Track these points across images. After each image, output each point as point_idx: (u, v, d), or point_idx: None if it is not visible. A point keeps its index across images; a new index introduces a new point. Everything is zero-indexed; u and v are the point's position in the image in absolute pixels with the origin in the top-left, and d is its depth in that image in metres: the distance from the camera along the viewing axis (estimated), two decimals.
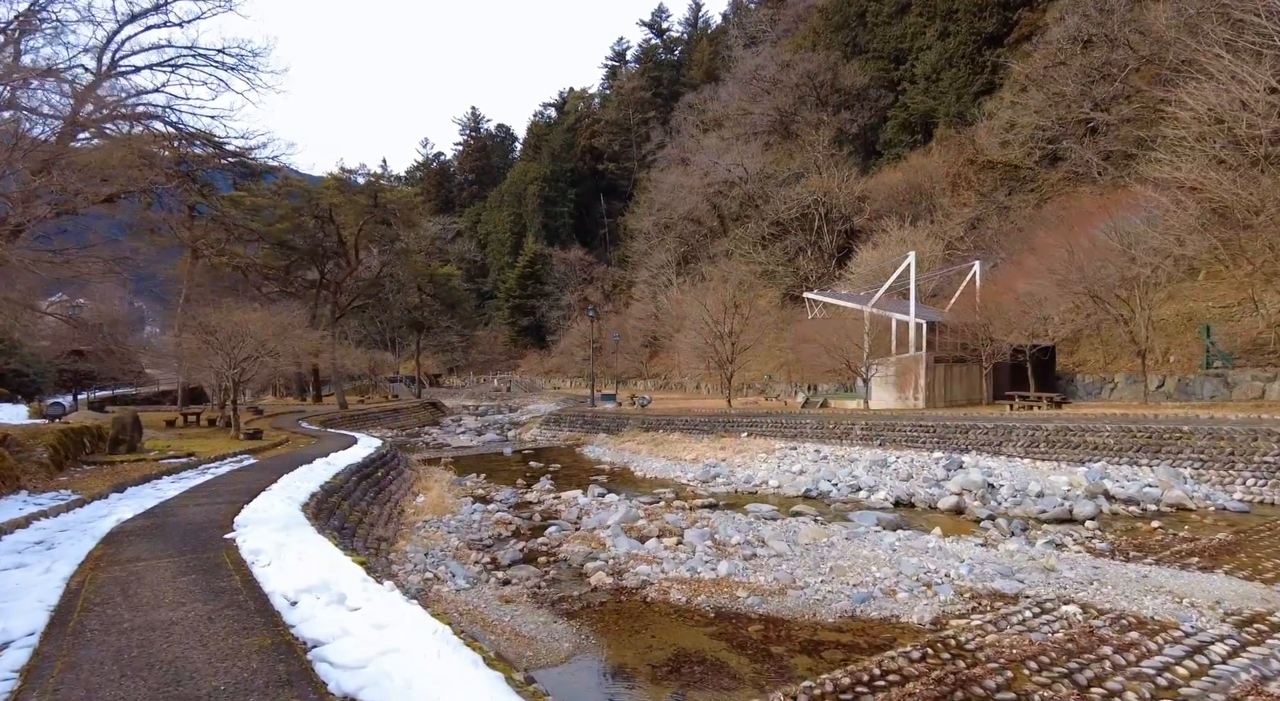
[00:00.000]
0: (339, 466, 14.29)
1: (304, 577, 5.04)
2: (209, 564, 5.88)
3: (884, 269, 36.96)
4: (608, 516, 14.67)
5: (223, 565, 5.82)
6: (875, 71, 56.54)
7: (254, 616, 4.41)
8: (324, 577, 5.01)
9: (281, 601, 4.70)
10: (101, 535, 7.36)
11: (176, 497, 10.27)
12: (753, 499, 18.16)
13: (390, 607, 4.38)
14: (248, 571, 5.58)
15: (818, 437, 24.62)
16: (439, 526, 13.66)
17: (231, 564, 5.88)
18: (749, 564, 11.09)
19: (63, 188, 16.73)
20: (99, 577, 5.50)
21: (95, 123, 26.07)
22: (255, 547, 6.17)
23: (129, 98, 28.63)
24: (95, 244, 19.11)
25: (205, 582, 5.24)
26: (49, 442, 13.11)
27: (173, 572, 5.57)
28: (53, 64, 22.57)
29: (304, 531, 7.24)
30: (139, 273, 27.71)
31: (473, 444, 34.77)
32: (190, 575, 5.46)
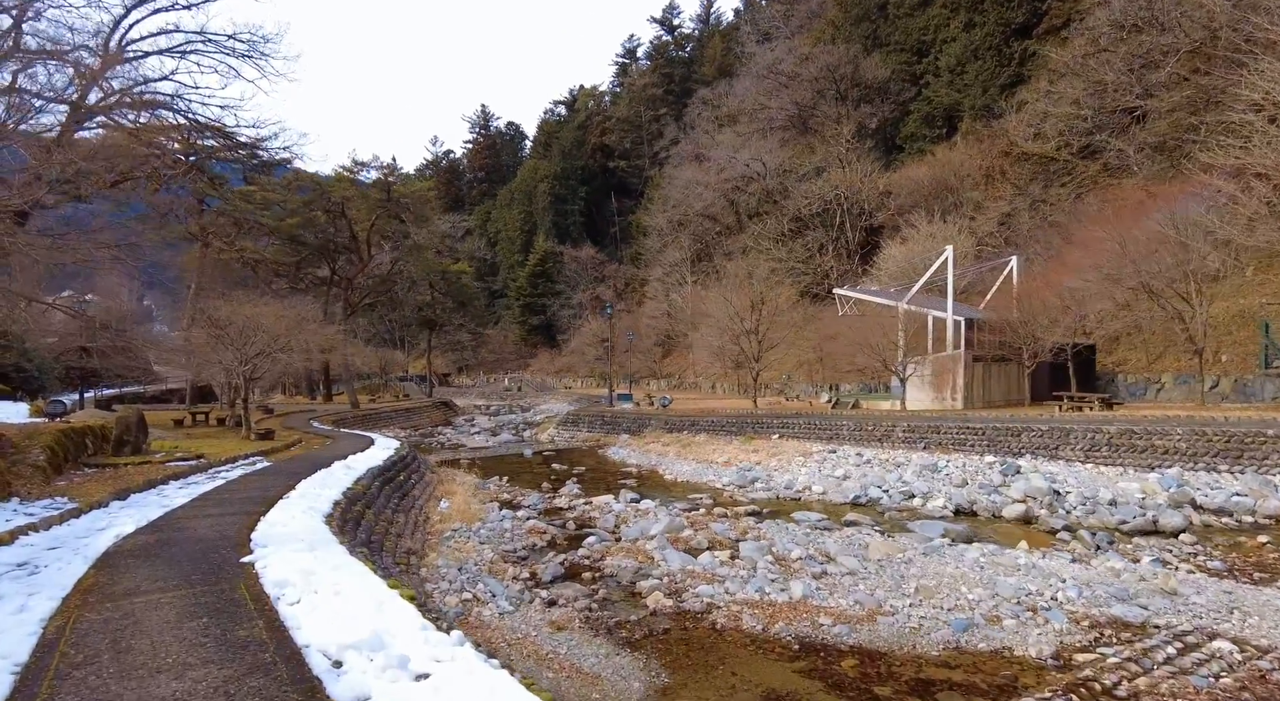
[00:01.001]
0: (359, 470, 13.18)
1: (347, 624, 3.92)
2: (224, 600, 4.74)
3: (913, 265, 35.69)
4: (650, 526, 13.52)
5: (241, 602, 4.69)
6: (897, 64, 55.12)
7: (287, 689, 3.25)
8: (373, 626, 3.89)
9: (320, 661, 3.57)
10: (96, 556, 6.25)
11: (184, 507, 9.16)
12: (797, 506, 16.99)
13: (469, 674, 3.25)
14: (273, 613, 4.45)
15: (856, 440, 23.40)
16: (469, 536, 12.53)
17: (252, 600, 4.75)
18: (821, 583, 9.92)
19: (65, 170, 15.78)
20: (85, 621, 4.37)
21: (103, 110, 25.10)
22: (280, 577, 5.04)
23: (136, 86, 27.68)
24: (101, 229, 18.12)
25: (220, 630, 4.11)
26: (46, 444, 12.03)
27: (178, 613, 4.43)
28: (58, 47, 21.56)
29: (334, 552, 6.11)
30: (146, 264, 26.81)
31: (489, 444, 33.67)
32: (201, 618, 4.32)
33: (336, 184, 38.29)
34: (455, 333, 66.82)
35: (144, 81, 28.02)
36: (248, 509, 8.82)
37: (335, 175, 38.75)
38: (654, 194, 76.03)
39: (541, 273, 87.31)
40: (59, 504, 9.40)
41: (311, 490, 10.22)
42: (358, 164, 39.22)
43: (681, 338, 65.50)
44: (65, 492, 10.16)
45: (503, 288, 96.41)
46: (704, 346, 54.85)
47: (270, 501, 9.36)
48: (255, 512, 8.49)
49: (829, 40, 58.77)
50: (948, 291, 28.20)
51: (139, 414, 14.10)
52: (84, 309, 23.99)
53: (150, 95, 27.84)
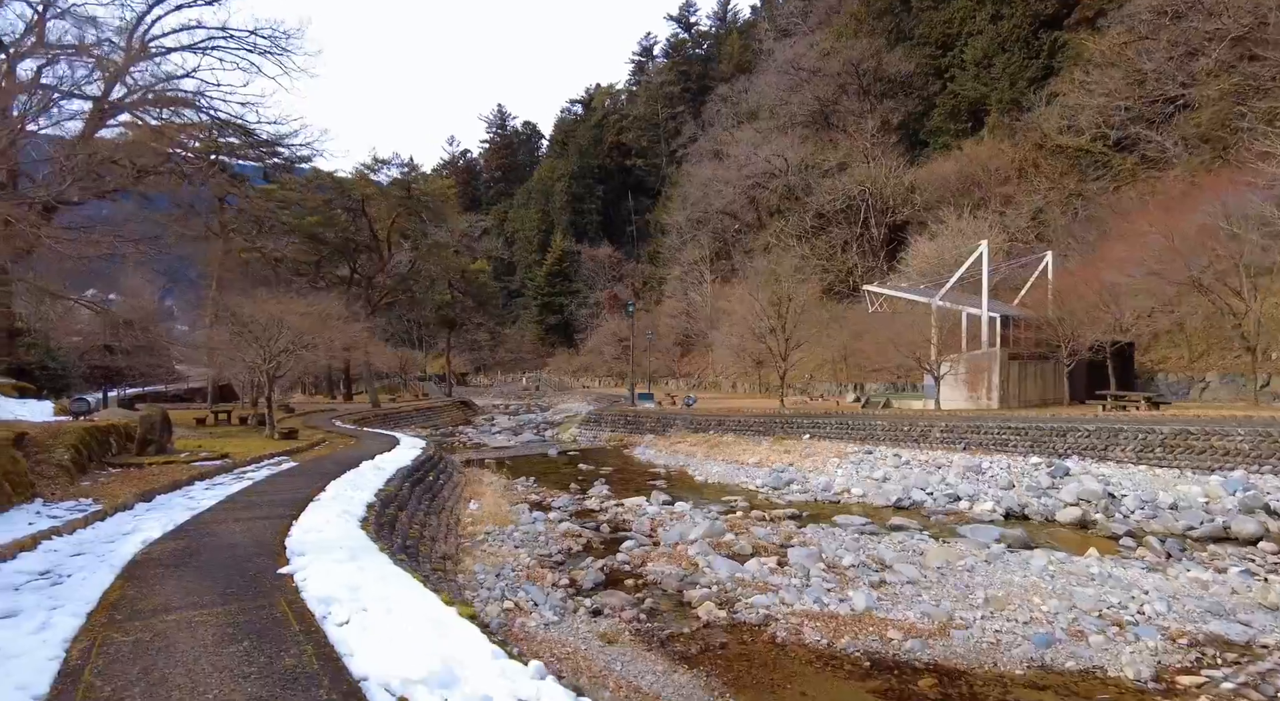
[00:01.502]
0: (389, 471, 12.74)
1: (407, 651, 3.41)
2: (264, 620, 4.25)
3: (944, 261, 34.87)
4: (688, 530, 12.96)
5: (284, 622, 4.19)
6: (921, 58, 54.15)
7: None
8: (438, 653, 3.38)
9: (384, 700, 3.06)
10: (122, 564, 5.80)
11: (212, 510, 8.73)
12: (837, 509, 16.35)
13: None
14: (321, 635, 3.94)
15: (892, 441, 22.68)
16: (503, 540, 12.04)
17: (295, 619, 4.25)
18: (881, 593, 9.31)
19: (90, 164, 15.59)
20: (112, 643, 3.88)
21: (127, 106, 24.97)
22: (323, 593, 4.54)
23: (159, 83, 27.56)
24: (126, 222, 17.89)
25: (264, 657, 3.61)
26: (70, 443, 11.68)
27: (215, 635, 3.95)
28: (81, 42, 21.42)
29: (376, 562, 5.61)
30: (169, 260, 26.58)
31: (511, 444, 33.26)
32: (241, 641, 3.83)
33: (357, 182, 38.05)
34: (474, 332, 66.61)
35: (166, 78, 27.91)
36: (279, 512, 8.37)
37: (356, 173, 38.57)
38: (672, 192, 75.40)
39: (559, 272, 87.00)
40: (83, 506, 9.02)
41: (343, 492, 9.77)
42: (378, 161, 39.10)
43: (700, 337, 64.79)
44: (90, 494, 9.78)
45: (520, 287, 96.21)
46: (724, 345, 54.19)
47: (301, 504, 8.90)
48: (287, 516, 8.03)
49: (851, 34, 57.84)
50: (982, 288, 27.39)
51: (163, 413, 13.75)
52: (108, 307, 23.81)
53: (173, 92, 27.74)
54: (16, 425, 12.44)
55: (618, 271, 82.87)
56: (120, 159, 21.73)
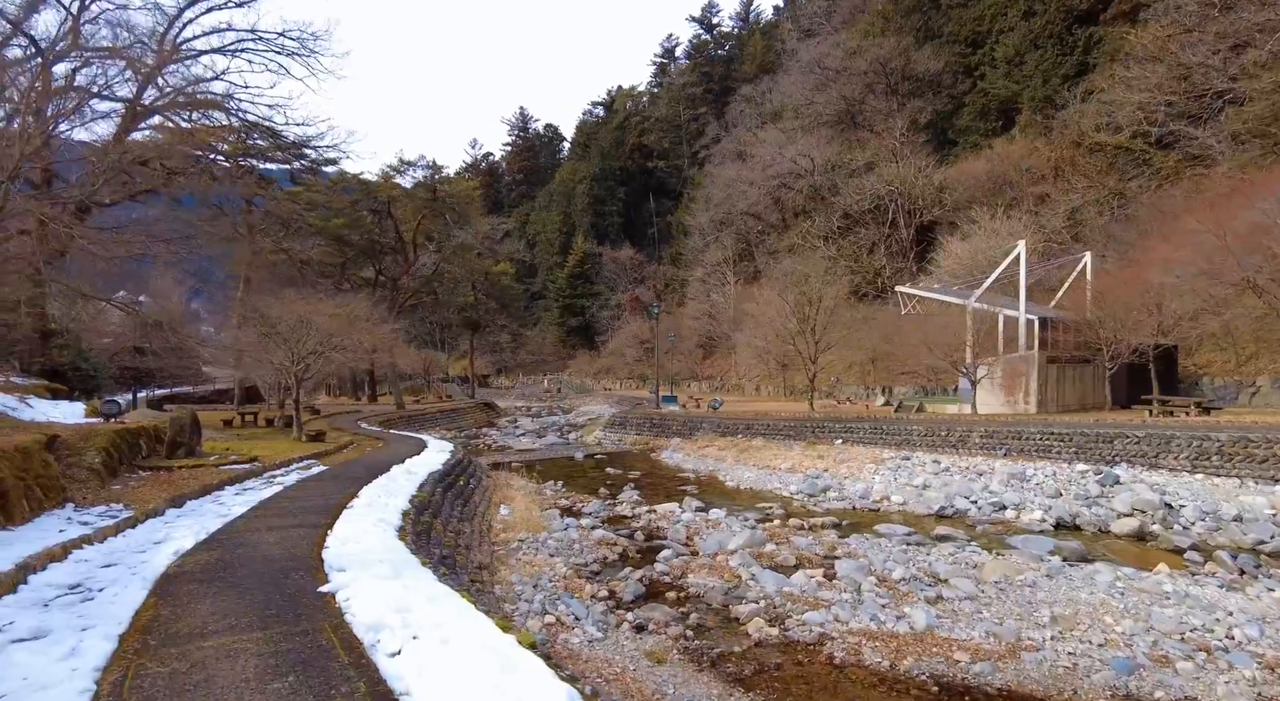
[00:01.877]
0: (420, 475, 12.45)
1: (469, 692, 3.03)
2: (309, 649, 3.88)
3: (977, 261, 34.08)
4: (726, 539, 12.52)
5: (330, 652, 3.83)
6: (950, 56, 53.23)
7: None
8: (503, 692, 2.99)
9: None
10: (154, 577, 5.50)
11: (244, 517, 8.45)
12: (877, 517, 15.82)
13: None
14: (372, 669, 3.57)
15: (929, 446, 22.03)
16: (537, 548, 11.68)
17: (343, 649, 3.89)
18: (940, 610, 8.81)
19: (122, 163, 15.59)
20: (146, 674, 3.52)
21: (159, 109, 25.09)
22: (371, 618, 4.18)
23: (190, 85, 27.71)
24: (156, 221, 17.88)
25: (312, 696, 3.24)
26: (101, 446, 11.52)
27: (257, 668, 3.59)
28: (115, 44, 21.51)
29: (421, 579, 5.25)
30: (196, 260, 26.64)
31: (536, 447, 32.99)
32: (286, 675, 3.45)
33: (383, 184, 38.04)
34: (496, 334, 66.59)
35: (196, 81, 28.03)
36: (312, 520, 8.07)
37: (381, 174, 38.57)
38: (695, 193, 74.92)
39: (580, 274, 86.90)
40: (114, 511, 8.79)
41: (376, 498, 9.46)
42: (404, 163, 39.10)
43: (723, 339, 64.16)
44: (120, 498, 9.56)
45: (541, 289, 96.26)
46: (748, 348, 53.61)
47: (334, 511, 8.61)
48: (321, 525, 7.73)
49: (878, 33, 57.04)
50: (1020, 289, 26.61)
51: (192, 415, 13.59)
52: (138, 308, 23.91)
53: (203, 94, 27.86)
54: (49, 427, 12.33)
55: (639, 273, 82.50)
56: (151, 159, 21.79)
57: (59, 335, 21.86)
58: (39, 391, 19.14)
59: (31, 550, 6.23)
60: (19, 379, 19.84)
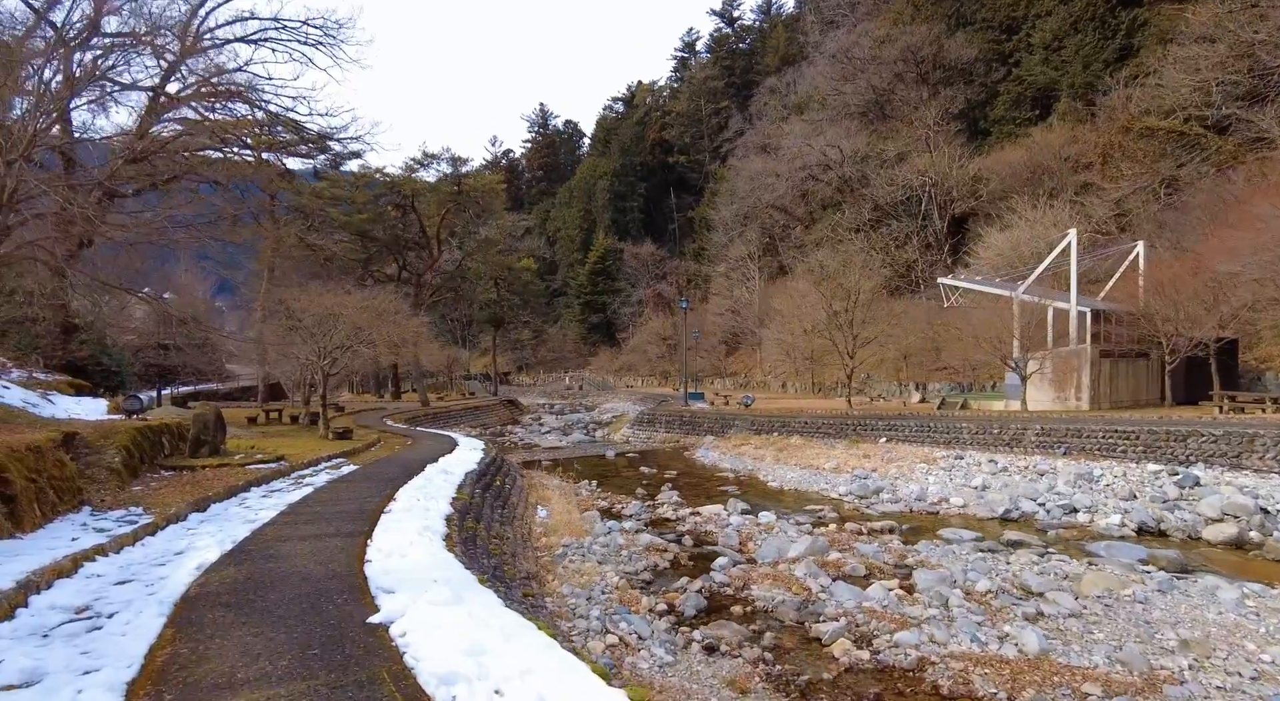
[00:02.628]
0: (457, 476, 11.66)
1: None
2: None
3: (1019, 253, 32.74)
4: (785, 546, 11.60)
5: None
6: (984, 43, 51.59)
7: None
8: None
9: None
10: (173, 600, 4.72)
11: (273, 523, 7.68)
12: (936, 521, 14.82)
13: None
14: None
15: (981, 445, 20.92)
16: (582, 554, 10.85)
17: None
18: (1045, 629, 7.83)
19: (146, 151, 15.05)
20: None
21: (183, 100, 24.58)
22: (440, 666, 3.31)
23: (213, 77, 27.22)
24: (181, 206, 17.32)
25: None
26: (122, 444, 10.87)
27: None
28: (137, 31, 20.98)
29: (487, 605, 4.41)
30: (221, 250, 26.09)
31: (563, 444, 32.24)
32: None
33: (407, 179, 37.40)
34: (519, 331, 65.95)
35: (220, 72, 27.54)
36: (349, 527, 7.27)
37: (405, 167, 37.96)
38: (719, 187, 73.78)
39: (601, 270, 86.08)
40: (133, 515, 8.08)
41: (415, 502, 8.67)
42: (428, 156, 38.41)
43: (748, 335, 63.03)
44: (140, 501, 8.86)
45: (562, 286, 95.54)
46: (775, 343, 52.48)
47: (372, 517, 7.81)
48: (359, 533, 6.93)
49: (908, 21, 55.54)
50: (1070, 280, 25.35)
51: (216, 412, 12.92)
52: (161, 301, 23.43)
53: (226, 86, 27.36)
54: (68, 424, 11.71)
55: (661, 269, 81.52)
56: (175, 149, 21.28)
57: (82, 330, 21.41)
58: (61, 387, 18.66)
59: (38, 563, 5.48)
60: (42, 374, 19.40)
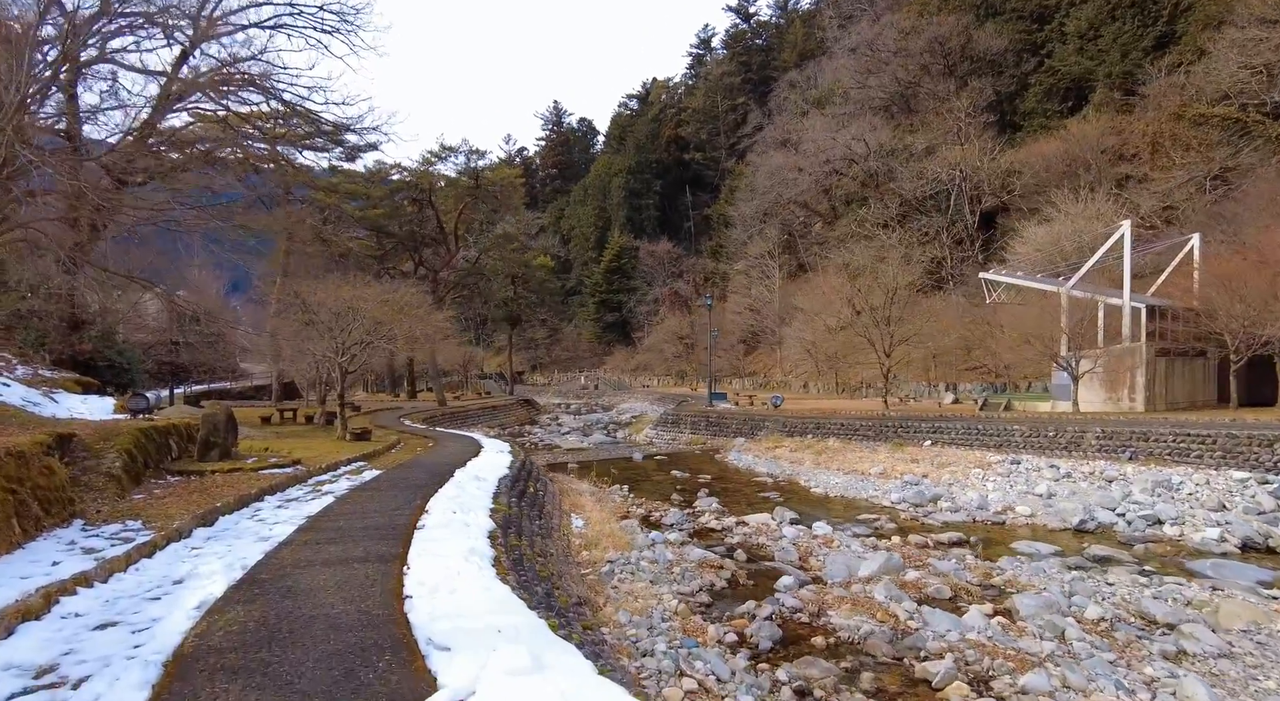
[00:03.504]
0: (490, 482, 10.59)
1: None
2: None
3: (1061, 247, 31.35)
4: (854, 563, 10.44)
5: None
6: (1015, 33, 50.07)
7: None
8: None
9: None
10: (164, 659, 3.62)
11: (290, 542, 6.60)
12: (1004, 532, 13.61)
13: None
14: None
15: (1035, 448, 19.62)
16: (631, 571, 9.73)
17: None
18: (1197, 671, 6.62)
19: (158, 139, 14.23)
20: None
21: (194, 85, 23.68)
22: None
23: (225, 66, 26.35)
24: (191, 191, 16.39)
25: None
26: (124, 447, 9.86)
27: None
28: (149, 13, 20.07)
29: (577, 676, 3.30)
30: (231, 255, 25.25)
31: (585, 445, 31.16)
32: None
33: (424, 172, 36.39)
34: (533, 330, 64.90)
35: (233, 61, 26.68)
36: (380, 548, 6.18)
37: (423, 159, 36.95)
38: (736, 183, 72.46)
39: (617, 268, 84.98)
40: (130, 530, 7.04)
41: (451, 515, 7.58)
42: (445, 149, 37.36)
43: (767, 334, 61.74)
44: (141, 512, 7.82)
45: (576, 285, 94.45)
46: (797, 342, 51.16)
47: (405, 534, 6.73)
48: (393, 557, 5.84)
49: (935, 11, 54.08)
50: (1124, 275, 23.99)
51: (227, 412, 11.91)
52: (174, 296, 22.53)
53: (240, 74, 26.48)
54: (66, 425, 10.73)
55: (677, 267, 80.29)
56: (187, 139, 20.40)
57: (90, 325, 20.52)
58: (68, 385, 17.76)
59: (3, 597, 4.43)
60: (47, 371, 18.51)
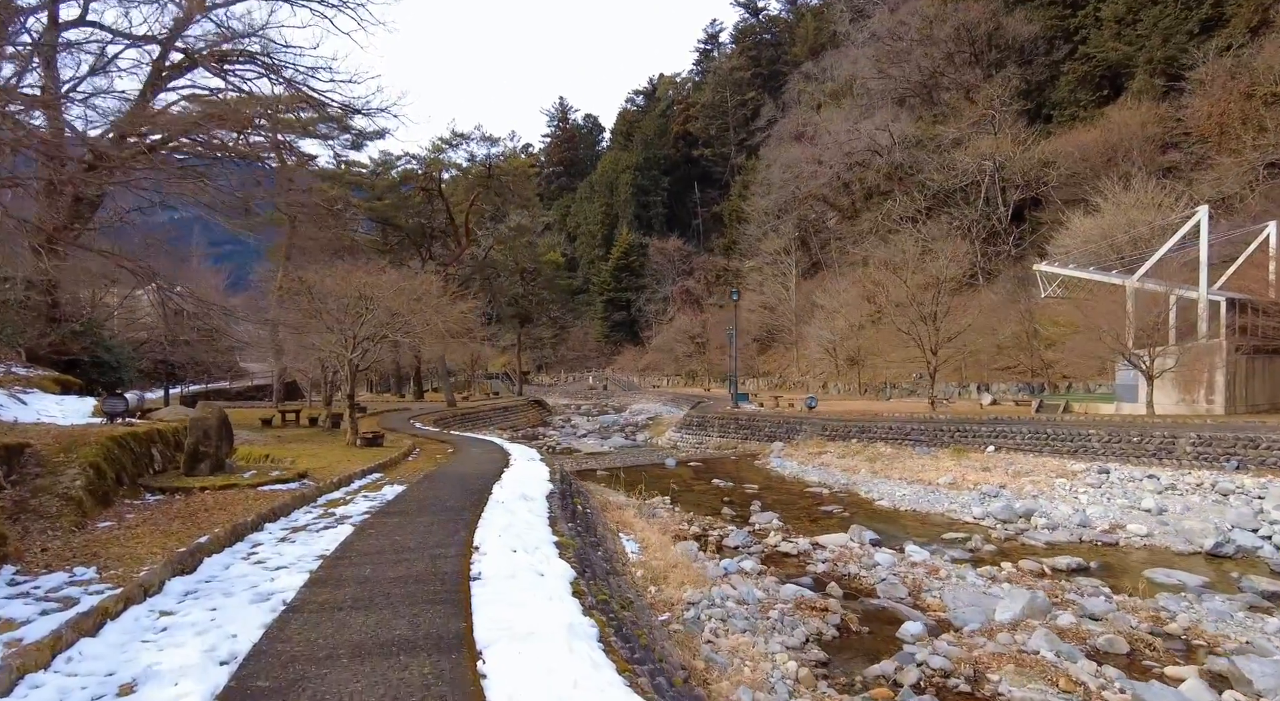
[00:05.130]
0: (538, 502, 8.69)
1: None
2: None
3: (1114, 239, 29.38)
4: (988, 603, 8.55)
5: None
6: (1047, 19, 48.11)
7: None
8: None
9: None
10: None
11: (301, 607, 4.65)
12: (1120, 555, 11.72)
13: None
14: None
15: (1119, 456, 17.67)
16: (721, 618, 7.81)
17: None
18: None
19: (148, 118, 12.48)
20: None
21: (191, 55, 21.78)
22: None
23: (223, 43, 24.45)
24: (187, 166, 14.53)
25: None
26: (90, 459, 7.95)
27: None
28: None
29: None
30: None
31: (605, 449, 29.25)
32: None
33: (434, 160, 34.39)
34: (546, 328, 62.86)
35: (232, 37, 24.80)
36: (432, 621, 4.26)
37: (433, 146, 34.86)
38: (751, 177, 70.44)
39: (625, 266, 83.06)
40: (78, 579, 5.15)
41: (511, 555, 5.66)
42: (456, 136, 35.28)
43: (782, 333, 59.81)
44: (100, 551, 5.91)
45: (583, 285, 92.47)
46: (816, 341, 49.22)
47: (458, 589, 4.81)
48: (454, 639, 3.91)
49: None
50: (1200, 265, 22.04)
51: (220, 415, 9.99)
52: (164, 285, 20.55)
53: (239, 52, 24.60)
54: (23, 432, 8.85)
55: (687, 265, 78.32)
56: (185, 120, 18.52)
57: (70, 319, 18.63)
58: (45, 384, 15.88)
59: None
60: (22, 369, 16.62)
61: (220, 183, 21.20)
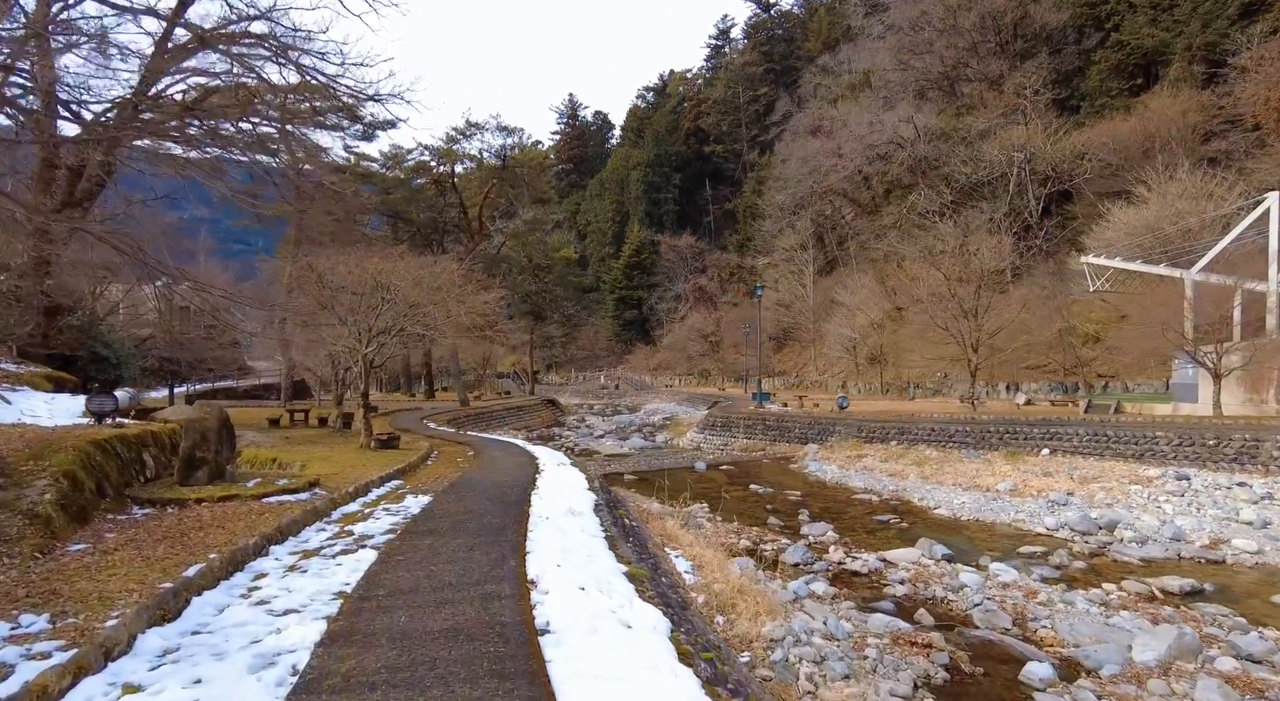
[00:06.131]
0: (586, 515, 7.46)
1: None
2: None
3: (1162, 231, 27.94)
4: (1118, 638, 7.23)
5: None
6: (1077, 6, 46.55)
7: None
8: None
9: None
10: None
11: (318, 681, 3.40)
12: (1230, 574, 10.40)
13: None
14: None
15: (1192, 460, 16.30)
16: (814, 660, 6.53)
17: None
18: None
19: None
20: None
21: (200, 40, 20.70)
22: None
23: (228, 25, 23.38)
24: None
25: None
26: (64, 468, 6.75)
27: None
28: None
29: None
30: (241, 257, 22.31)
31: (625, 451, 28.01)
32: None
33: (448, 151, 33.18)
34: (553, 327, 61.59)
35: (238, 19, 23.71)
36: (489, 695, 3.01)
37: (447, 137, 33.66)
38: (765, 174, 69.06)
39: (636, 264, 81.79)
40: (24, 629, 3.94)
41: (580, 594, 4.42)
42: (471, 126, 34.03)
43: (799, 331, 58.43)
44: (63, 586, 4.69)
45: (594, 283, 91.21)
46: (836, 339, 47.86)
47: (525, 652, 3.57)
48: None
49: None
50: (1270, 256, 20.61)
51: (220, 416, 8.78)
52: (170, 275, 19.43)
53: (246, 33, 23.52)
54: None
55: (700, 262, 76.96)
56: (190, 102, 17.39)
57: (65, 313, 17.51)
58: (36, 381, 14.74)
59: None
60: (13, 365, 15.52)
61: (229, 176, 20.16)
